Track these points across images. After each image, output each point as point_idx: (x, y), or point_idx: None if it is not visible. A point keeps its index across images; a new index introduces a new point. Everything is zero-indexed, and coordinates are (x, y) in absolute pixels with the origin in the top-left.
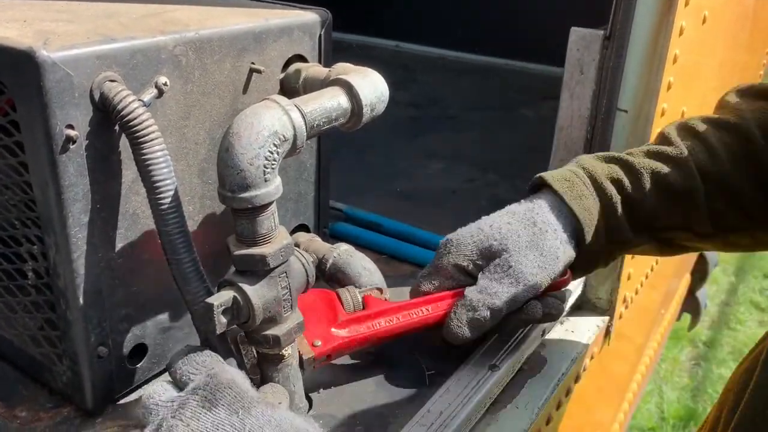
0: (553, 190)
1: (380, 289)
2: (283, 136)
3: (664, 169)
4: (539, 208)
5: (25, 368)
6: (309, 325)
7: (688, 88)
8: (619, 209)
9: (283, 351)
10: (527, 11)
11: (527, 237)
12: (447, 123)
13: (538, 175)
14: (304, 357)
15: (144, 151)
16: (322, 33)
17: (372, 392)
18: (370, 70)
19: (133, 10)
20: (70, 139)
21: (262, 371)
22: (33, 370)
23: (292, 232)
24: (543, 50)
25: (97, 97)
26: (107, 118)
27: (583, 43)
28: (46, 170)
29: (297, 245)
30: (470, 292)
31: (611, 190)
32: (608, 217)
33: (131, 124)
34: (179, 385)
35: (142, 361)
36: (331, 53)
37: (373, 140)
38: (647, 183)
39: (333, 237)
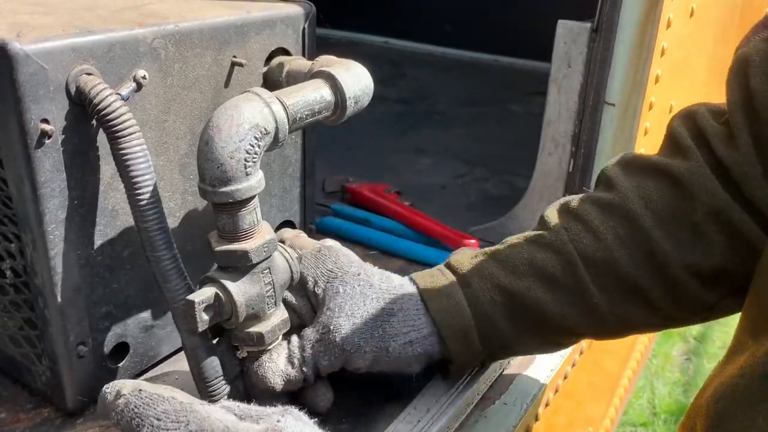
0: (417, 286)
1: None
2: (265, 129)
3: (545, 257)
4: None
5: (4, 369)
6: None
7: (676, 81)
8: (492, 306)
9: (267, 348)
10: (516, 7)
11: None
12: (435, 119)
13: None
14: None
15: (122, 146)
16: (305, 26)
17: (358, 389)
18: (354, 62)
19: (112, 3)
20: (45, 134)
21: (243, 369)
22: (12, 371)
23: (278, 228)
24: (531, 46)
25: (73, 90)
26: (84, 113)
27: (570, 36)
28: (21, 166)
29: (282, 241)
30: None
31: (480, 286)
32: (479, 321)
33: (108, 118)
34: None
35: (124, 360)
36: (315, 46)
37: (361, 136)
38: (528, 274)
39: (321, 233)
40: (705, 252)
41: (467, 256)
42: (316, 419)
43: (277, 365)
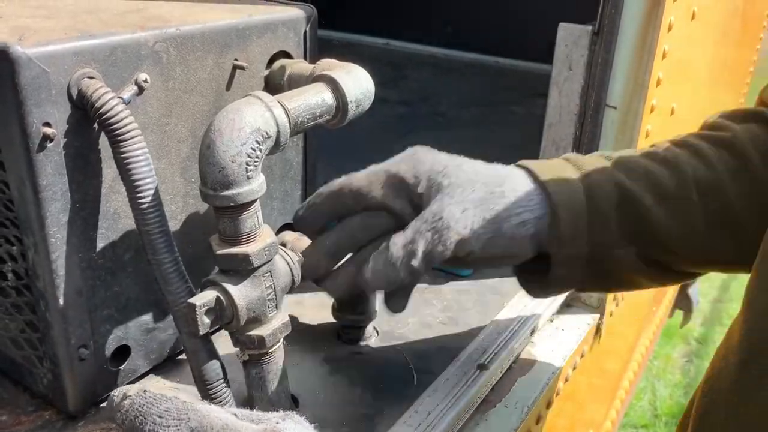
0: (528, 169)
1: None
2: (266, 132)
3: (660, 171)
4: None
5: (5, 371)
6: None
7: (678, 84)
8: (607, 200)
9: (268, 351)
10: (517, 9)
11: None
12: (437, 121)
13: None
14: None
15: (123, 149)
16: (307, 29)
17: (358, 392)
18: (355, 65)
19: (113, 6)
20: (47, 138)
21: (247, 373)
22: (14, 373)
23: (279, 231)
24: (533, 48)
25: (74, 94)
26: (86, 116)
27: (571, 38)
28: (23, 169)
29: (283, 244)
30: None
31: (598, 179)
32: (591, 211)
33: (110, 121)
34: None
35: (125, 362)
36: (317, 49)
37: (362, 139)
38: (642, 181)
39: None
40: None
41: (583, 155)
42: (317, 424)
43: (392, 255)
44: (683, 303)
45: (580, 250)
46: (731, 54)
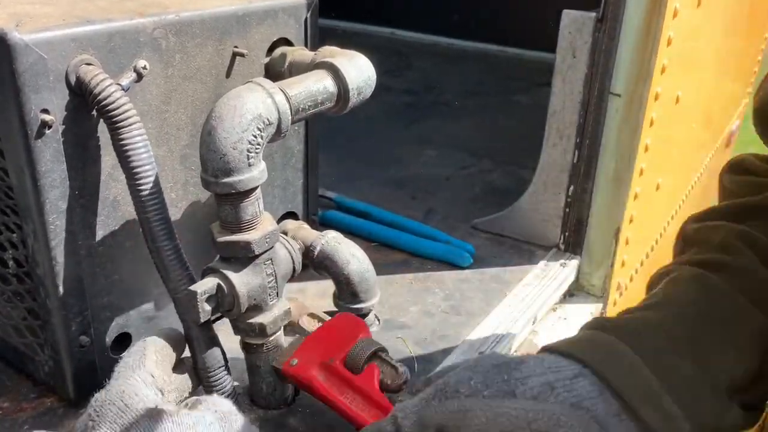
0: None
1: (397, 370)
2: (267, 119)
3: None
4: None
5: (8, 359)
6: (314, 345)
7: (683, 71)
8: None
9: (268, 340)
10: None
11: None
12: (441, 110)
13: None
14: (273, 364)
15: (122, 136)
16: (308, 16)
17: None
18: (356, 53)
19: None
20: (45, 124)
21: (248, 361)
22: (16, 361)
23: (280, 219)
24: (539, 36)
25: (73, 80)
26: (84, 103)
27: (575, 26)
28: (22, 156)
29: (284, 233)
30: None
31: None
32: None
33: (108, 108)
34: None
35: (126, 350)
36: (318, 37)
37: (367, 127)
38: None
39: (323, 225)
40: None
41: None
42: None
43: None
44: None
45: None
46: (738, 43)
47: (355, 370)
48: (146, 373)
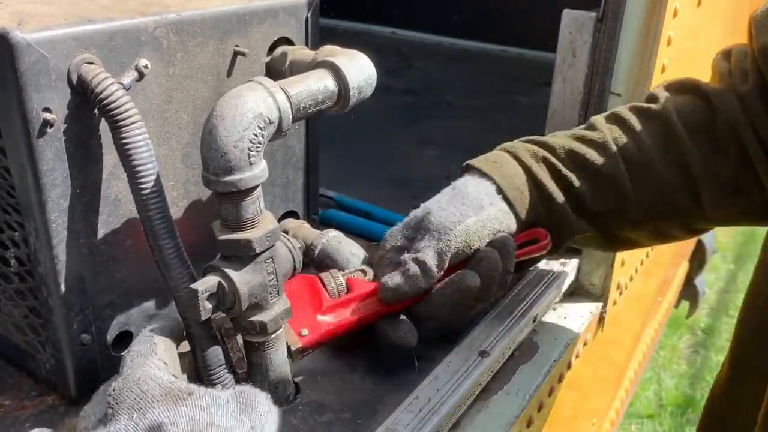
0: (476, 169)
1: (363, 271)
2: (268, 118)
3: (587, 151)
4: (462, 180)
5: (9, 356)
6: (294, 313)
7: (683, 71)
8: (554, 190)
9: (269, 338)
10: None
11: (447, 197)
12: (442, 109)
13: (464, 163)
14: (292, 348)
15: (123, 135)
16: (308, 15)
17: (360, 378)
18: (357, 52)
19: None
20: (47, 123)
21: (249, 360)
22: (17, 359)
23: (281, 218)
24: (540, 36)
25: (74, 79)
26: (86, 102)
27: (575, 25)
28: (24, 155)
29: (285, 231)
30: (404, 255)
31: (538, 169)
32: (543, 199)
33: (110, 107)
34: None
35: (127, 348)
36: (319, 36)
37: (367, 127)
38: (570, 164)
39: (323, 224)
40: (722, 163)
41: (521, 141)
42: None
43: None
44: (689, 293)
45: (532, 208)
46: (740, 42)
47: (343, 292)
48: (159, 360)
